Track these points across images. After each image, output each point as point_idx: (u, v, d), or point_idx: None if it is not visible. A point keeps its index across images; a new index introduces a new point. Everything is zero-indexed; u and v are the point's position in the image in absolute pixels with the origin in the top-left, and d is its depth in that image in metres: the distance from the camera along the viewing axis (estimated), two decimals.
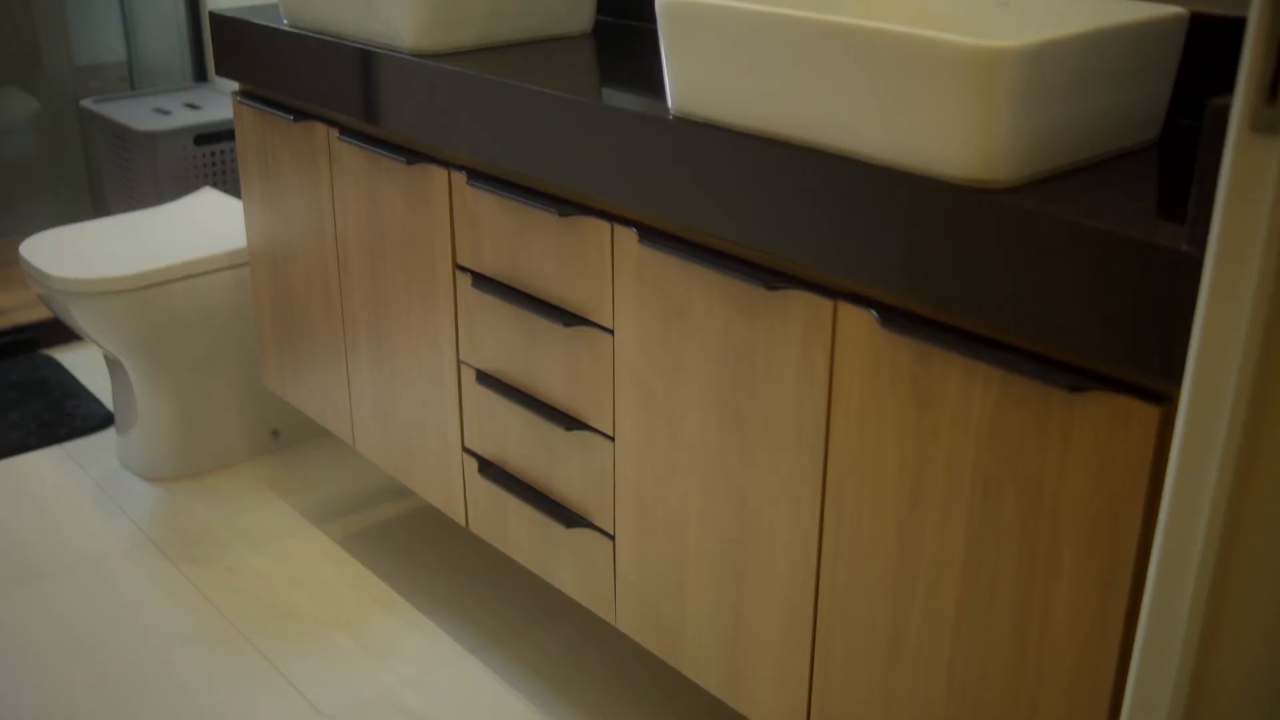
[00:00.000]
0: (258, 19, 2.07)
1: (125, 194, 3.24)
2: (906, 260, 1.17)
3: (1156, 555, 0.91)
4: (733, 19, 1.28)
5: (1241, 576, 0.89)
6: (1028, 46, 1.09)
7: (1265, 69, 0.82)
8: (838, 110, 1.21)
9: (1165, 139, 1.32)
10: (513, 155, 1.59)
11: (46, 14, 3.66)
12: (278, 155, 2.13)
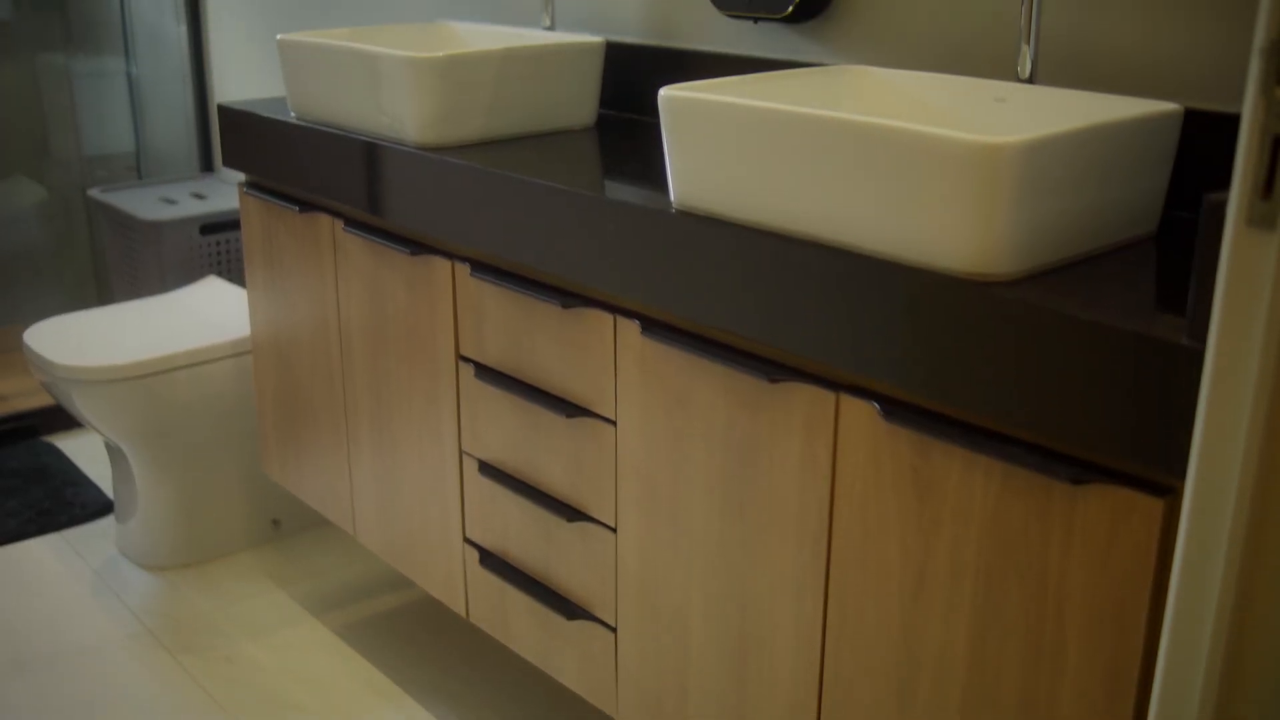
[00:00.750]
0: (265, 112, 2.10)
1: (130, 282, 3.26)
2: (908, 353, 1.18)
3: (1164, 649, 0.90)
4: (734, 114, 1.30)
5: (1250, 671, 0.89)
6: (1026, 142, 1.11)
7: (1260, 165, 0.83)
8: (838, 204, 1.23)
9: (1163, 231, 1.33)
10: (516, 247, 1.61)
11: (57, 104, 3.71)
12: (282, 245, 2.15)
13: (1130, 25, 1.45)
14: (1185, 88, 1.41)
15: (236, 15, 3.23)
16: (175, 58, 3.54)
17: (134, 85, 3.73)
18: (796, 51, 1.82)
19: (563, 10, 2.18)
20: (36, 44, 3.69)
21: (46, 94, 3.71)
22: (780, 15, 1.74)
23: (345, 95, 1.89)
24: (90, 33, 3.74)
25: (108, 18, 3.70)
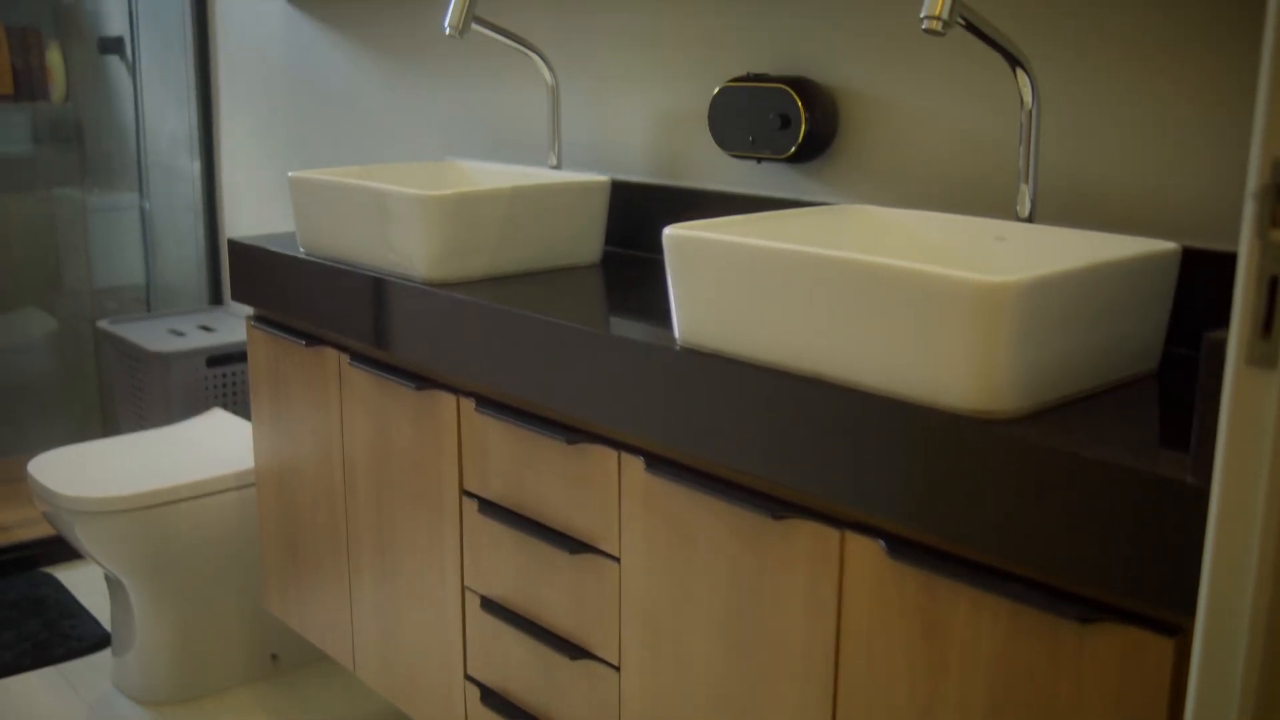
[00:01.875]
0: (275, 246, 2.13)
1: (136, 413, 3.27)
2: (912, 490, 1.18)
3: None
4: (738, 253, 1.32)
5: None
6: (1027, 282, 1.12)
7: (1258, 306, 0.84)
8: (841, 342, 1.24)
9: (1165, 368, 1.34)
10: (521, 383, 1.62)
11: (70, 238, 3.77)
12: (288, 379, 2.16)
13: (1128, 165, 1.48)
14: (1184, 226, 1.44)
15: (249, 152, 3.30)
16: (188, 193, 3.60)
17: (146, 219, 3.79)
18: (799, 190, 1.85)
19: (569, 149, 2.23)
20: (54, 179, 3.76)
21: (61, 227, 3.77)
22: (783, 156, 1.78)
23: (354, 231, 1.92)
24: (106, 168, 3.82)
25: (124, 154, 3.78)
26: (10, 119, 3.72)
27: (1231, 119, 1.39)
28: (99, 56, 3.76)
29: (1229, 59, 1.38)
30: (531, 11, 2.26)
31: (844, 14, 1.75)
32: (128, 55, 3.70)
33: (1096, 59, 1.49)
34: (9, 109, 3.69)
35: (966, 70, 1.62)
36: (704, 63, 1.96)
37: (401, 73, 2.64)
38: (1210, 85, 1.40)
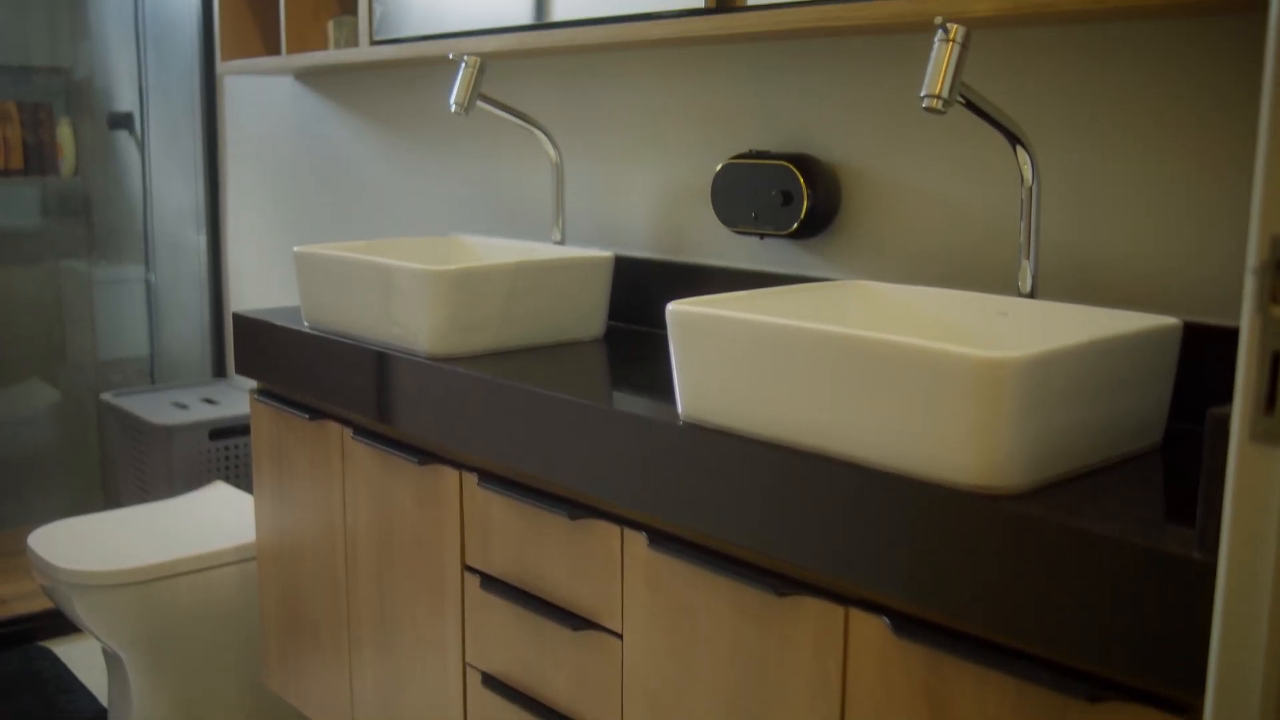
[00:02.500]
0: (279, 320, 2.14)
1: (138, 486, 3.27)
2: (917, 567, 1.17)
3: None
4: (741, 329, 1.32)
5: None
6: (1029, 358, 1.12)
7: (1260, 382, 0.84)
8: (845, 418, 1.24)
9: (1168, 444, 1.34)
10: (525, 457, 1.61)
11: (76, 310, 3.78)
12: (291, 452, 2.16)
13: (1129, 240, 1.48)
14: (1185, 301, 1.44)
15: (254, 226, 3.33)
16: (193, 266, 3.62)
17: (152, 292, 3.81)
18: (802, 266, 1.86)
19: (573, 224, 2.25)
20: (61, 251, 3.79)
21: (67, 299, 3.79)
22: (786, 232, 1.79)
23: (359, 305, 1.93)
24: (113, 241, 3.85)
25: (131, 227, 3.81)
26: (20, 193, 3.75)
27: (1231, 194, 1.40)
28: (108, 132, 3.80)
29: (1227, 135, 1.39)
30: (536, 88, 2.29)
31: (845, 92, 1.77)
32: (137, 130, 3.74)
33: (1096, 136, 1.50)
34: (19, 183, 3.72)
35: (967, 147, 1.64)
36: (707, 139, 1.98)
37: (407, 148, 2.67)
38: (1209, 161, 1.41)
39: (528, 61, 2.31)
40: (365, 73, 2.76)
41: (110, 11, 3.75)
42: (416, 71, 2.61)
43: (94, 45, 3.82)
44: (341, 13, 2.74)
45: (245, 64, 2.86)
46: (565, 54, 2.18)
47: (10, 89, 3.73)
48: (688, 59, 2.00)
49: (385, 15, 2.38)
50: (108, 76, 3.80)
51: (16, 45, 3.78)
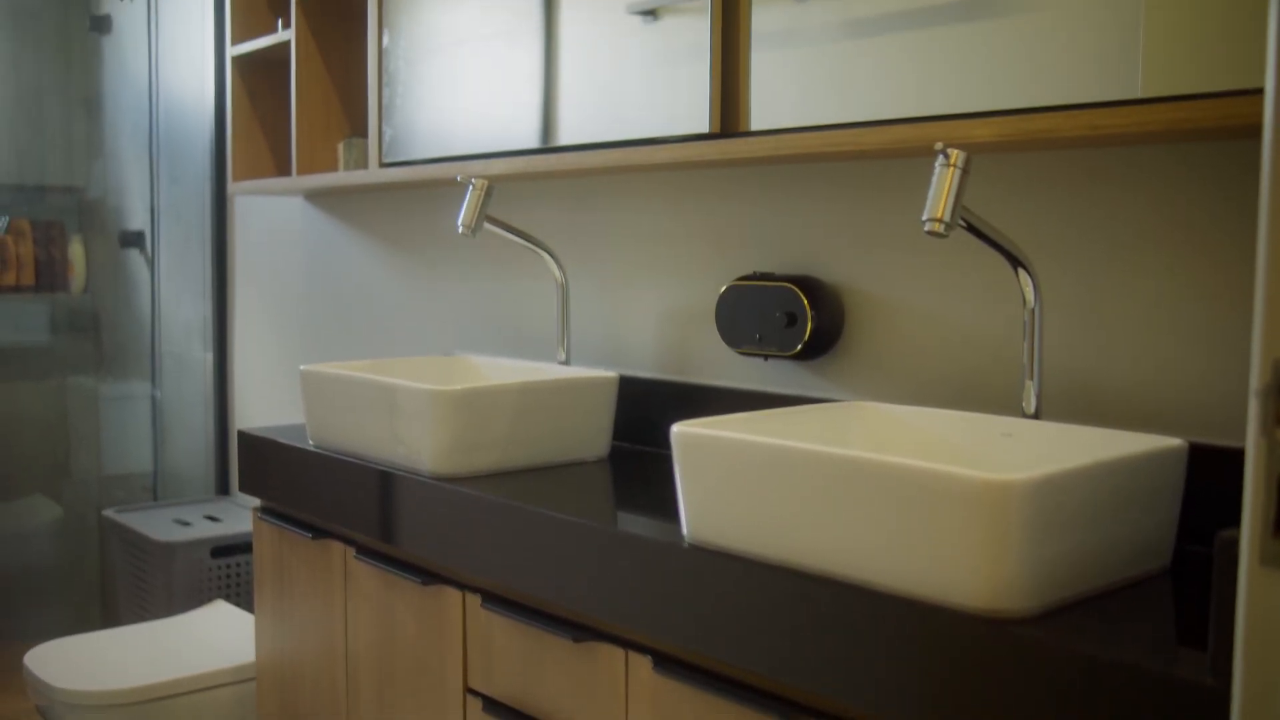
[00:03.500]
0: (284, 438, 2.14)
1: (138, 604, 3.24)
2: (924, 691, 1.15)
3: None
4: (746, 451, 1.32)
5: None
6: (1034, 480, 1.12)
7: (1268, 506, 0.84)
8: (851, 540, 1.23)
9: (1177, 565, 1.33)
10: (528, 579, 1.60)
11: (81, 426, 3.79)
12: (293, 571, 2.14)
13: (1132, 361, 1.49)
14: (1190, 422, 1.44)
15: (261, 344, 3.35)
16: (199, 383, 3.64)
17: (157, 408, 3.83)
18: (806, 387, 1.87)
19: (578, 344, 2.26)
20: (69, 368, 3.81)
21: (73, 415, 3.80)
22: (790, 353, 1.80)
23: (364, 425, 1.93)
24: (121, 357, 3.87)
25: (139, 343, 3.84)
26: (30, 309, 3.79)
27: (1232, 315, 1.41)
28: (120, 249, 3.85)
29: (1227, 257, 1.41)
30: (542, 208, 2.32)
31: (849, 214, 1.80)
32: (147, 248, 3.79)
33: (1097, 258, 1.52)
34: (29, 299, 3.76)
35: (969, 269, 1.66)
36: (711, 261, 2.00)
37: (414, 268, 2.69)
38: (1210, 282, 1.42)
39: (534, 183, 2.35)
40: (374, 193, 2.80)
41: (125, 132, 3.83)
42: (424, 193, 2.65)
43: (108, 165, 3.89)
44: (352, 134, 2.79)
45: (256, 184, 2.90)
46: (571, 177, 2.21)
47: (25, 207, 3.79)
48: (693, 182, 2.03)
49: (394, 138, 2.43)
50: (121, 195, 3.86)
51: (33, 165, 3.84)
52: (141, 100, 3.75)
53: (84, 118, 3.91)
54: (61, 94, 3.87)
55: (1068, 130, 1.36)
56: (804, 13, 1.67)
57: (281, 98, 3.04)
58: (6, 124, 3.76)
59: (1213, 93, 1.27)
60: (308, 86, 2.73)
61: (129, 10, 3.79)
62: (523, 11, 2.11)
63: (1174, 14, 1.31)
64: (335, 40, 2.76)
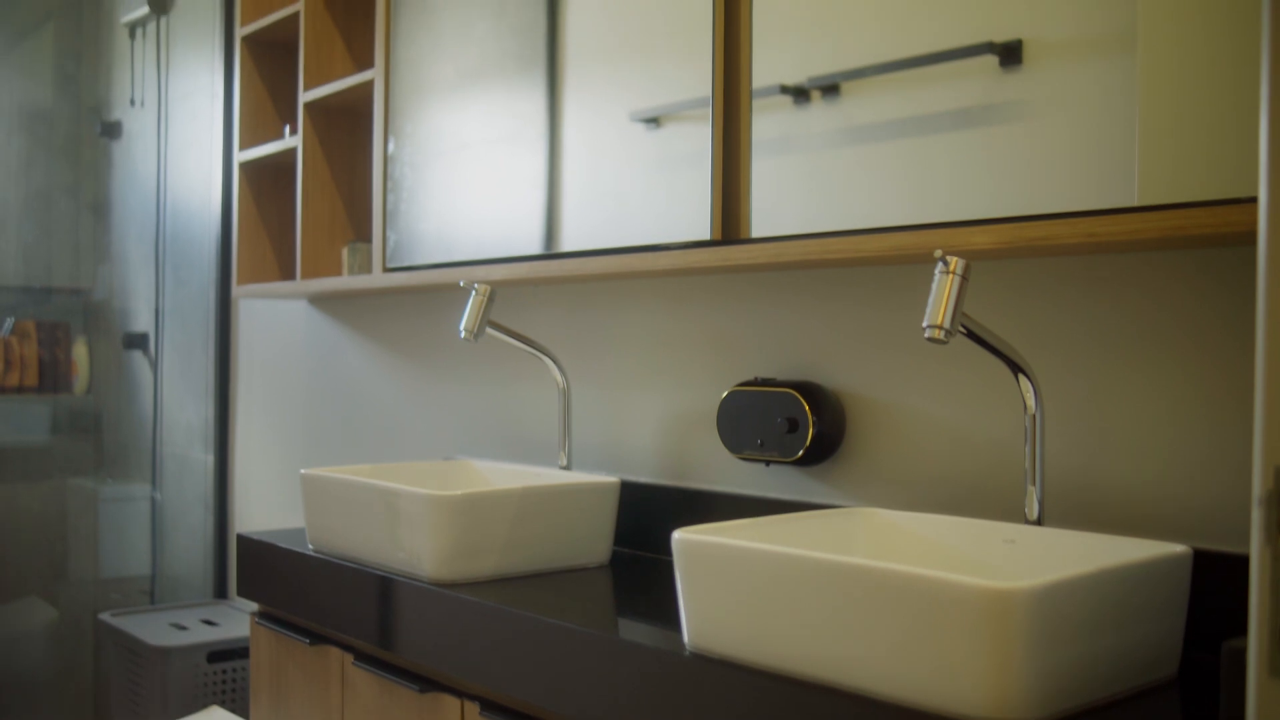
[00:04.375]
0: (283, 543, 2.13)
1: (132, 709, 3.19)
2: None
3: None
4: (747, 558, 1.31)
5: None
6: (1038, 587, 1.11)
7: (1275, 614, 0.83)
8: (853, 648, 1.22)
9: (1185, 674, 1.31)
10: (528, 687, 1.58)
11: (79, 528, 3.77)
12: (290, 678, 2.11)
13: (1135, 466, 1.49)
14: (1194, 528, 1.43)
15: (262, 447, 3.34)
16: (200, 486, 3.63)
17: (156, 510, 3.81)
18: (808, 493, 1.86)
19: (580, 448, 2.26)
20: (68, 468, 3.80)
21: (71, 517, 3.78)
22: (791, 459, 1.80)
23: (364, 529, 1.92)
24: (121, 458, 3.86)
25: (139, 444, 3.83)
26: (32, 409, 3.79)
27: (1234, 419, 1.41)
28: (123, 351, 3.87)
29: (1227, 363, 1.41)
30: (544, 313, 2.34)
31: (849, 320, 1.81)
32: (151, 350, 3.80)
33: (1097, 363, 1.53)
34: (31, 400, 3.77)
35: (970, 375, 1.66)
36: (712, 366, 2.01)
37: (416, 372, 2.70)
38: (1210, 387, 1.43)
39: (536, 288, 2.36)
40: (377, 297, 2.82)
41: (132, 235, 3.87)
42: (427, 297, 2.67)
43: (114, 267, 3.92)
44: (356, 239, 2.81)
45: (260, 288, 2.93)
46: (573, 282, 2.23)
47: (31, 309, 3.81)
48: (694, 287, 2.04)
49: (398, 243, 2.45)
50: (126, 297, 3.89)
51: (40, 266, 3.88)
52: (149, 204, 3.80)
53: (92, 221, 3.95)
54: (71, 197, 3.92)
55: (1066, 238, 1.38)
56: (803, 119, 1.70)
57: (287, 202, 3.08)
58: (15, 226, 3.80)
59: (1208, 201, 1.28)
60: (313, 192, 2.76)
61: (139, 116, 3.85)
62: (526, 117, 2.15)
63: (1168, 123, 1.34)
64: (341, 146, 2.80)
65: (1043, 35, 1.45)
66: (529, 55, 2.15)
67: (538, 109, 2.13)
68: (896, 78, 1.59)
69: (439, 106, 2.36)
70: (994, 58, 1.49)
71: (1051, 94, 1.44)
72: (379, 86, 2.50)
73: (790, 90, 1.72)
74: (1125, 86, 1.37)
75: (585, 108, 2.03)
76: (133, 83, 3.86)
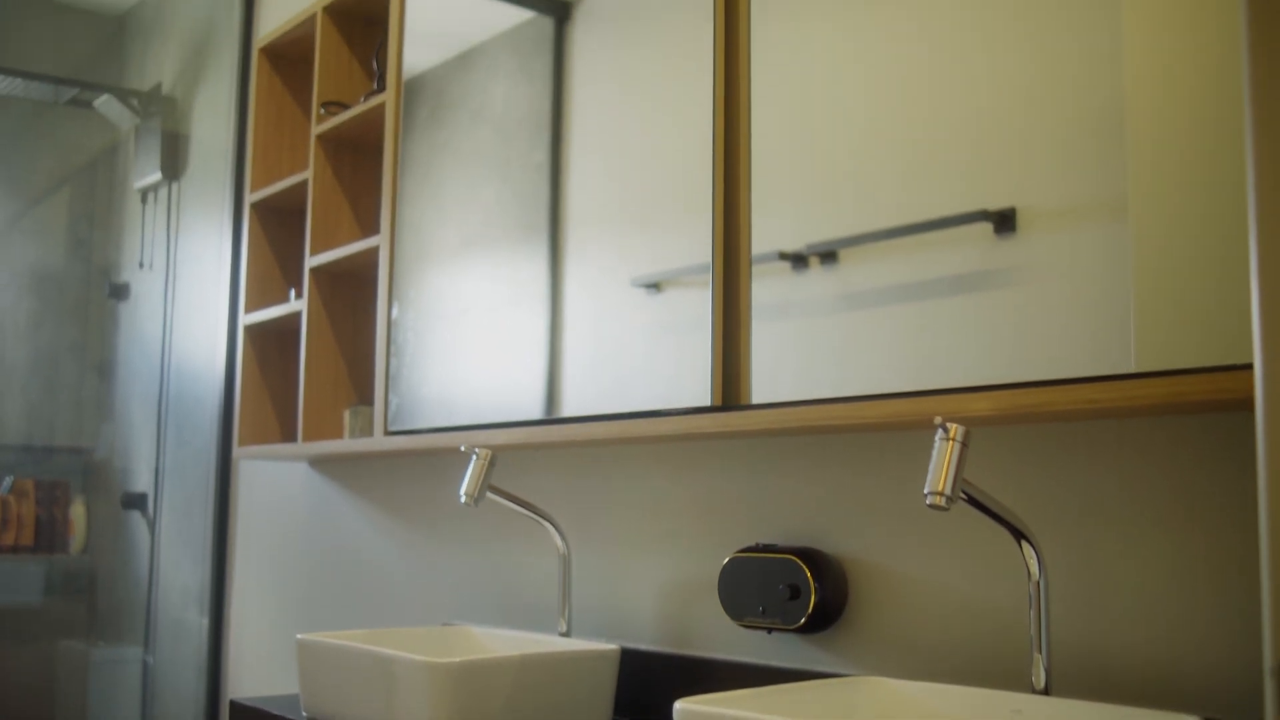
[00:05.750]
0: (277, 709, 2.09)
1: None
2: None
3: None
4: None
5: None
6: None
7: None
8: None
9: None
10: None
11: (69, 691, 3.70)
12: None
13: (1141, 635, 1.46)
14: (1205, 697, 1.41)
15: (259, 611, 3.30)
16: (193, 649, 3.57)
17: (148, 674, 3.74)
18: (811, 661, 1.83)
19: (579, 615, 2.23)
20: (59, 631, 3.75)
21: (60, 680, 3.71)
22: (794, 626, 1.77)
23: (359, 696, 1.89)
24: (114, 620, 3.81)
25: (133, 606, 3.79)
26: (25, 570, 3.76)
27: (1239, 585, 1.39)
28: (121, 511, 3.86)
29: (1231, 529, 1.40)
30: (545, 478, 2.33)
31: (850, 486, 1.80)
32: (149, 510, 3.79)
33: (1100, 529, 1.51)
34: (26, 560, 3.74)
35: (973, 541, 1.65)
36: (713, 532, 2.00)
37: (415, 536, 2.68)
38: (1215, 554, 1.41)
39: (537, 452, 2.36)
40: (378, 460, 2.82)
41: (135, 395, 3.89)
42: (428, 461, 2.66)
43: (117, 427, 3.93)
44: (358, 402, 2.83)
45: (261, 450, 2.93)
46: (574, 447, 2.23)
47: (31, 467, 3.82)
48: (695, 452, 2.04)
49: (400, 406, 2.46)
50: (126, 457, 3.89)
51: (43, 425, 3.89)
52: (154, 365, 3.83)
53: (96, 380, 3.98)
54: (76, 357, 3.96)
55: (1064, 404, 1.38)
56: (802, 285, 1.72)
57: (290, 364, 3.10)
58: (21, 385, 3.83)
59: (1204, 368, 1.29)
60: (317, 355, 2.79)
61: (148, 278, 3.91)
62: (529, 282, 2.18)
63: (1162, 289, 1.35)
64: (345, 309, 2.83)
65: (1035, 203, 1.48)
66: (532, 221, 2.19)
67: (540, 274, 2.16)
68: (893, 244, 1.62)
69: (442, 271, 2.40)
70: (989, 225, 1.52)
71: (1046, 260, 1.46)
72: (384, 253, 2.54)
73: (789, 256, 1.75)
74: (1119, 253, 1.39)
75: (587, 272, 2.06)
76: (142, 246, 3.94)
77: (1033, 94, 1.48)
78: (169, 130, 3.88)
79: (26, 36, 4.08)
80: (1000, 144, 1.51)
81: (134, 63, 4.21)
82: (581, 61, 2.12)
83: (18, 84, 3.93)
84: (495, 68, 2.33)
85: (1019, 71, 1.50)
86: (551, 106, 2.18)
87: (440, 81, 2.47)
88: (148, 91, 4.03)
